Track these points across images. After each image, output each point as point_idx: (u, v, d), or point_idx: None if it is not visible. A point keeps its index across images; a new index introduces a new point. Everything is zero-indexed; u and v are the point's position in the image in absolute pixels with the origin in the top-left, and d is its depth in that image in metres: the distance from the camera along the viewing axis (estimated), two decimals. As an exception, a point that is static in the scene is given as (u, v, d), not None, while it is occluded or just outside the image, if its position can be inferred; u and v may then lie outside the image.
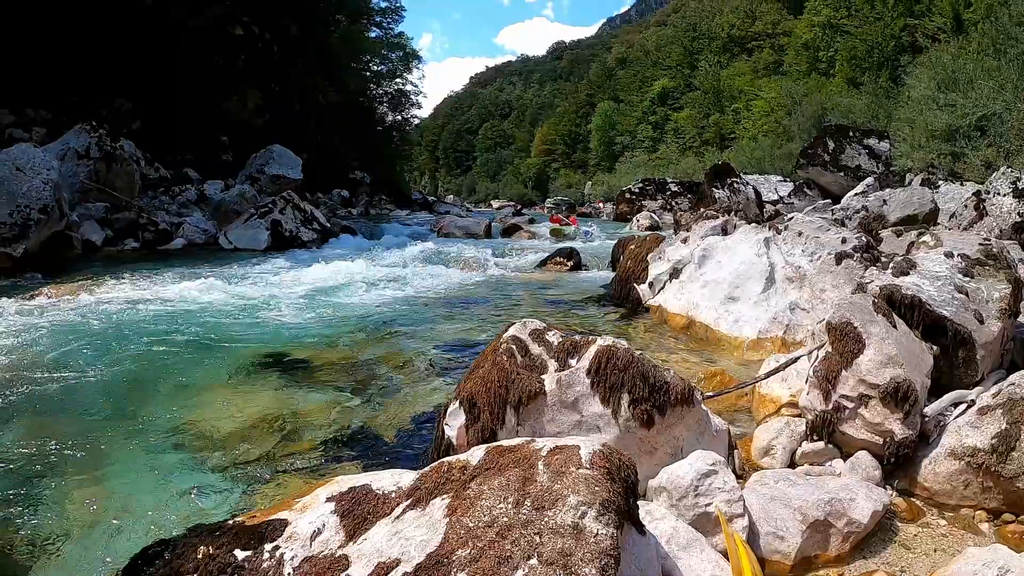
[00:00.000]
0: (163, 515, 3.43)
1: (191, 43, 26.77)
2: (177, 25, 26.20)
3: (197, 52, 27.17)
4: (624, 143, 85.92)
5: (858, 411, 3.68)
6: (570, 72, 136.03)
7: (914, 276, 4.80)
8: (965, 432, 3.54)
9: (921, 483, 3.56)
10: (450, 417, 3.49)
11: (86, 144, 16.84)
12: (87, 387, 5.36)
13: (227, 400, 5.19)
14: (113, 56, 23.59)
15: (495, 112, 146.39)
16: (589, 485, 2.06)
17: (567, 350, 3.56)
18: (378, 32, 50.10)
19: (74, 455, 4.10)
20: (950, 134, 18.30)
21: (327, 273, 12.02)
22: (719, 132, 64.41)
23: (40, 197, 12.21)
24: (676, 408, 3.35)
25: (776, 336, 6.34)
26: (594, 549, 1.86)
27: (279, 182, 23.09)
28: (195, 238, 17.17)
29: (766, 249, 7.28)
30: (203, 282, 10.39)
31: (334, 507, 2.48)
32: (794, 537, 2.91)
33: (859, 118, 30.88)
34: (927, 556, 3.03)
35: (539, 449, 2.31)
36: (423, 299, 9.94)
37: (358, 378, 5.83)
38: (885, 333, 3.85)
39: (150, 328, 7.39)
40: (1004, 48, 18.38)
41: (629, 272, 8.81)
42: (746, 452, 4.00)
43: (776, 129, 44.36)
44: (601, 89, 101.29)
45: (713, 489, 2.91)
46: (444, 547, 1.99)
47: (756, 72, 63.80)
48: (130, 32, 24.22)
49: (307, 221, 18.26)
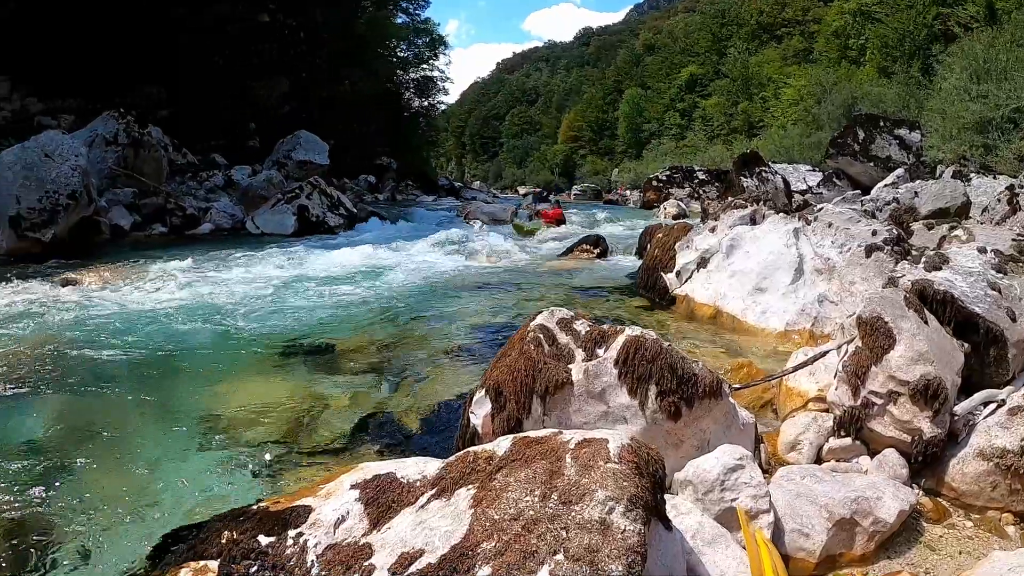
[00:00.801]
0: (188, 499, 3.46)
1: (218, 32, 26.84)
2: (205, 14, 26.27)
3: (224, 40, 27.25)
4: (651, 130, 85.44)
5: (887, 408, 3.63)
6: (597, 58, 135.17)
7: (946, 271, 4.73)
8: (994, 432, 3.48)
9: (948, 483, 3.51)
10: (476, 406, 3.49)
11: (114, 131, 16.99)
12: (113, 370, 5.42)
13: (252, 385, 5.23)
14: (140, 45, 23.70)
15: (522, 98, 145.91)
16: (617, 480, 2.04)
17: (595, 339, 3.54)
18: (404, 18, 50.03)
19: (101, 438, 4.15)
20: (982, 126, 18.02)
21: (353, 258, 12.05)
22: (747, 120, 63.89)
23: (68, 183, 12.36)
24: (704, 401, 3.32)
25: (804, 328, 6.29)
26: (621, 545, 1.84)
27: (306, 168, 23.18)
28: (222, 223, 17.28)
29: (795, 240, 7.21)
30: (230, 267, 10.47)
31: (358, 495, 2.48)
32: (819, 535, 2.88)
33: (890, 108, 30.50)
34: (952, 558, 2.99)
35: (566, 441, 2.29)
36: (448, 285, 9.95)
37: (383, 364, 5.85)
38: (916, 329, 3.79)
39: (176, 312, 7.46)
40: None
41: (656, 261, 8.74)
42: (772, 447, 3.96)
43: (805, 118, 43.84)
44: (628, 76, 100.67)
45: (739, 484, 2.88)
46: (469, 539, 1.99)
47: (785, 59, 63.20)
48: (157, 21, 24.32)
49: (334, 206, 18.31)
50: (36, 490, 3.49)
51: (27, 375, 5.22)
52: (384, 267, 11.36)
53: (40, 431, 4.23)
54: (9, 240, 11.76)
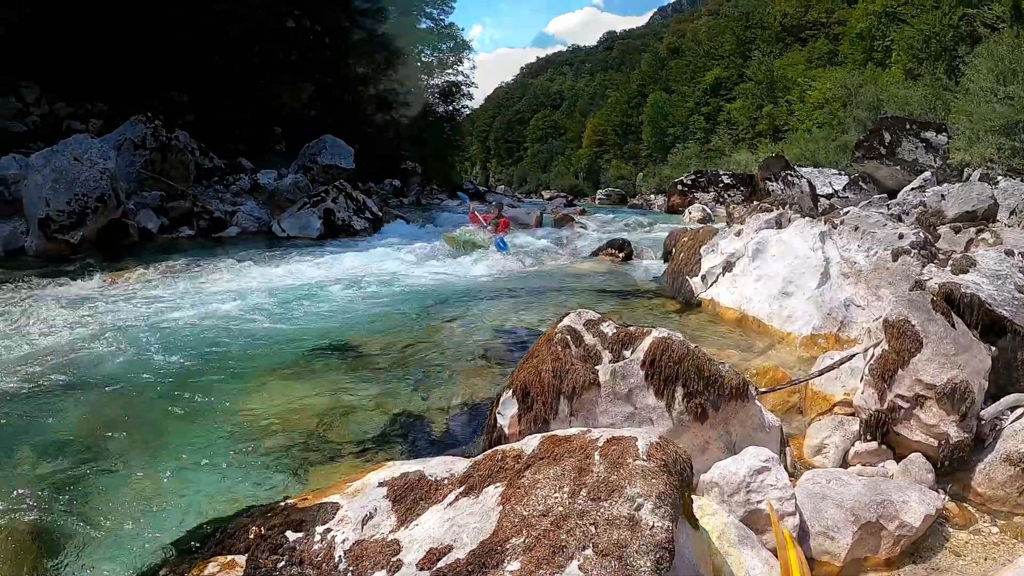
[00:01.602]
0: (215, 496, 3.51)
1: (243, 37, 27.06)
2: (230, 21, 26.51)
3: (250, 45, 27.47)
4: (676, 134, 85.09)
5: (913, 412, 3.63)
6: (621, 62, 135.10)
7: (973, 274, 4.71)
8: (1022, 437, 3.48)
9: (975, 488, 3.51)
10: (503, 406, 3.52)
11: (142, 135, 17.16)
12: (141, 370, 5.48)
13: (279, 386, 5.28)
14: (166, 50, 23.95)
15: (546, 102, 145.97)
16: (646, 477, 2.06)
17: (621, 341, 3.56)
18: (429, 23, 50.26)
19: (129, 436, 4.21)
20: (1009, 128, 17.84)
21: (378, 261, 12.13)
22: (772, 124, 63.47)
23: (97, 186, 12.54)
24: (730, 403, 3.34)
25: (830, 333, 6.26)
26: (649, 541, 1.87)
27: (331, 171, 23.31)
28: (248, 226, 17.41)
29: (821, 243, 7.18)
30: (256, 270, 10.57)
31: (386, 492, 2.52)
32: (845, 538, 2.90)
33: (916, 110, 30.22)
34: (978, 564, 2.99)
35: (595, 440, 2.32)
36: (474, 287, 9.98)
37: (409, 365, 5.88)
38: (944, 332, 3.79)
39: (203, 313, 7.53)
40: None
41: (682, 265, 8.74)
42: (798, 450, 3.97)
43: (831, 121, 43.57)
44: (652, 79, 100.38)
45: (765, 486, 2.90)
46: (498, 535, 2.02)
47: (810, 62, 62.77)
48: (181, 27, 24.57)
49: (359, 210, 18.41)
50: (68, 484, 3.56)
51: (56, 374, 5.30)
52: (409, 270, 11.41)
53: (71, 429, 4.29)
54: (39, 241, 11.94)
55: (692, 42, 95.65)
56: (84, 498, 3.46)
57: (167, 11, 23.93)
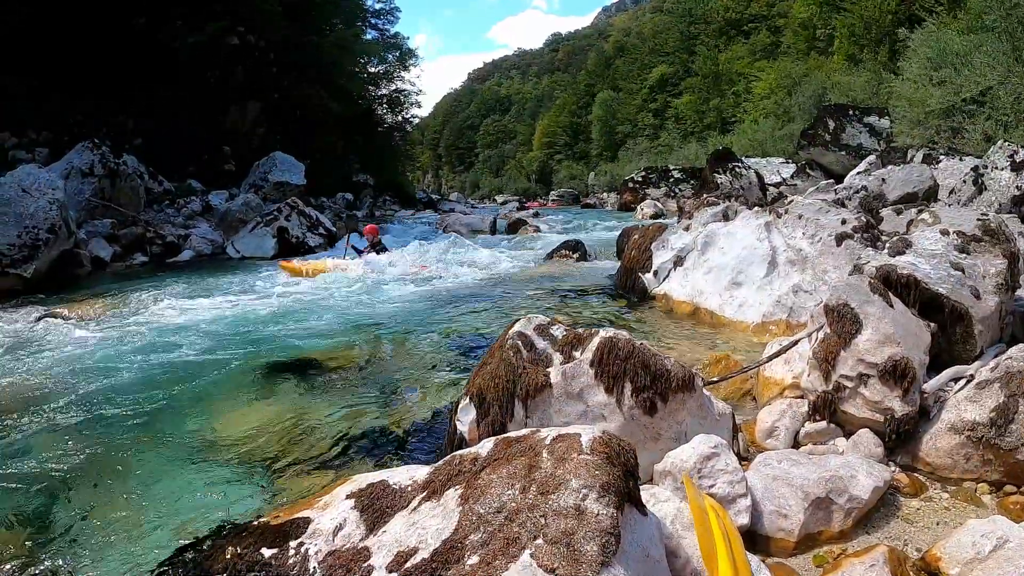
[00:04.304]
0: (189, 519, 3.53)
1: (189, 57, 26.82)
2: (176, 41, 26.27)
3: (195, 66, 27.22)
4: (625, 132, 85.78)
5: (858, 390, 3.76)
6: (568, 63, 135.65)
7: (910, 255, 4.88)
8: (964, 407, 3.61)
9: (923, 458, 3.63)
10: (461, 412, 3.60)
11: (89, 162, 16.92)
12: (103, 401, 5.45)
13: (244, 407, 5.31)
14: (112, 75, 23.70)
15: (495, 107, 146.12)
16: (590, 469, 2.17)
17: (571, 343, 3.67)
18: (374, 34, 50.18)
19: (98, 466, 4.21)
20: (947, 110, 18.25)
21: (334, 277, 12.09)
22: (720, 116, 64.28)
23: (47, 217, 12.29)
24: (678, 394, 3.44)
25: (780, 319, 6.43)
26: (595, 528, 1.98)
27: (283, 189, 23.24)
28: (202, 249, 17.28)
29: (767, 233, 7.35)
30: (212, 294, 10.52)
31: (354, 503, 2.59)
32: (797, 514, 3.00)
33: (859, 96, 30.83)
34: (929, 529, 3.11)
35: (543, 438, 2.43)
36: (430, 297, 10.02)
37: (370, 378, 5.94)
38: (882, 313, 3.93)
39: (163, 341, 7.50)
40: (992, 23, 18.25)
41: (634, 262, 8.87)
42: (750, 435, 4.09)
43: (777, 111, 44.18)
44: (600, 79, 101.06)
45: (716, 471, 3.00)
46: (458, 533, 2.13)
47: (754, 54, 63.64)
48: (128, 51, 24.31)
49: (313, 227, 18.36)
50: (38, 517, 3.57)
51: (17, 409, 5.26)
52: (365, 284, 11.42)
53: (34, 461, 4.28)
54: (-9, 278, 11.70)
55: (637, 40, 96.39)
56: (54, 527, 3.48)
57: (109, 37, 23.65)
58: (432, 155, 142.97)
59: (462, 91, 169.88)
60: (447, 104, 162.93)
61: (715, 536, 2.46)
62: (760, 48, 63.99)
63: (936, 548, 2.75)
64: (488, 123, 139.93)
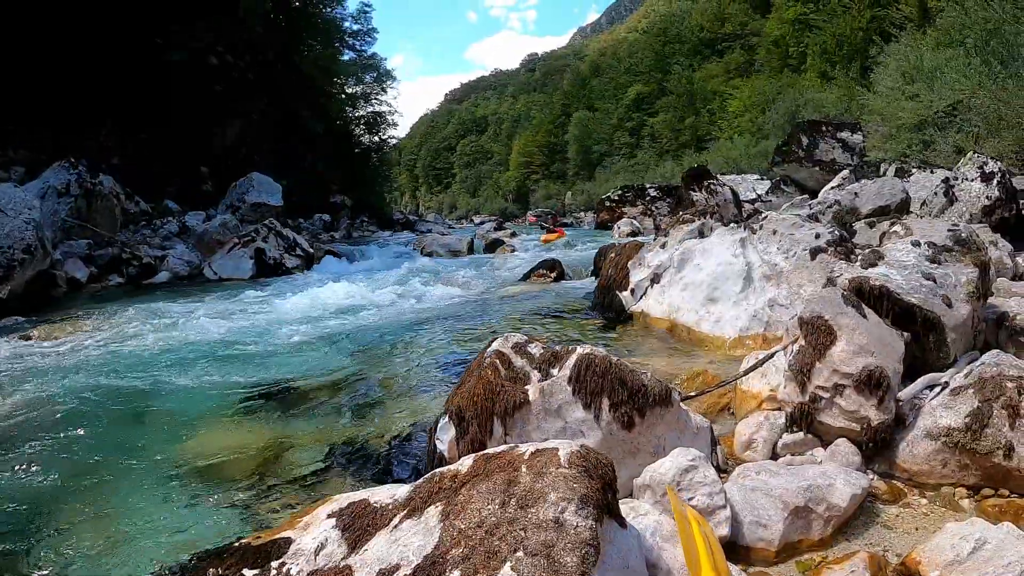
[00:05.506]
0: (169, 544, 3.51)
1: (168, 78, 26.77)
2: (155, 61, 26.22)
3: (174, 86, 27.17)
4: (602, 151, 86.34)
5: (834, 400, 3.80)
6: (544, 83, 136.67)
7: (882, 267, 4.96)
8: (939, 413, 3.66)
9: (901, 465, 3.67)
10: (440, 431, 3.61)
11: (66, 181, 16.82)
12: (82, 425, 5.41)
13: (223, 431, 5.27)
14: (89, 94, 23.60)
15: (472, 127, 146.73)
16: (568, 482, 2.19)
17: (548, 360, 3.69)
18: (352, 54, 50.27)
19: (75, 492, 4.17)
20: (919, 124, 18.52)
21: (311, 299, 12.05)
22: (695, 134, 64.92)
23: (23, 237, 12.16)
24: (655, 409, 3.47)
25: (757, 333, 6.48)
26: (575, 539, 2.00)
27: (260, 210, 23.15)
28: (179, 270, 17.16)
29: (742, 249, 7.41)
30: (189, 315, 10.46)
31: (335, 523, 2.59)
32: (776, 524, 3.03)
33: (831, 111, 31.25)
34: (908, 534, 3.14)
35: (522, 453, 2.44)
36: (408, 319, 10.00)
37: (350, 399, 5.92)
38: (855, 324, 3.98)
39: (139, 364, 7.45)
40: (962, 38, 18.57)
41: (611, 280, 8.90)
42: (729, 447, 4.12)
43: (751, 128, 44.77)
44: (576, 98, 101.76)
45: (695, 484, 3.03)
46: (439, 549, 2.14)
47: (728, 73, 64.43)
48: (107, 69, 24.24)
49: (290, 248, 18.34)
50: (8, 545, 3.53)
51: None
52: (342, 305, 11.39)
53: (8, 488, 4.24)
54: (-37, 300, 11.57)
55: (613, 60, 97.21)
56: (29, 555, 3.44)
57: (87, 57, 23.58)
58: (409, 176, 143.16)
59: (439, 111, 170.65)
60: (424, 125, 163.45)
61: (698, 545, 2.48)
62: (734, 66, 64.79)
63: (916, 552, 2.79)
64: (465, 143, 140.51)
